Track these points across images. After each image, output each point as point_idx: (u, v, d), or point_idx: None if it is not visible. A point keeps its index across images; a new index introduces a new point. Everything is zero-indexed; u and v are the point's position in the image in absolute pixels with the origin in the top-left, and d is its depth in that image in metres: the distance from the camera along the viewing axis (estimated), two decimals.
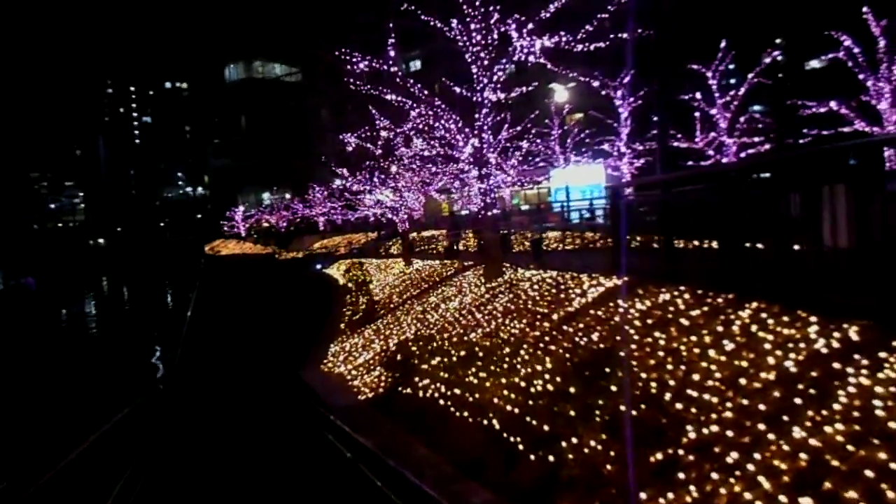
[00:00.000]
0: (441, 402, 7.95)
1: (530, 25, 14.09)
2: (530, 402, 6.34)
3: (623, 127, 36.39)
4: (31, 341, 37.09)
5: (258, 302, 35.77)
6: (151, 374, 24.74)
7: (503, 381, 7.05)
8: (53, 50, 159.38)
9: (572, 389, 6.05)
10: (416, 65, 73.82)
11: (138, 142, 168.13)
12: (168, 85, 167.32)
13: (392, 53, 13.90)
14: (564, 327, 8.97)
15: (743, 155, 29.34)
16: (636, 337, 7.06)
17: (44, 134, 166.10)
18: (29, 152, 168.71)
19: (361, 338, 17.55)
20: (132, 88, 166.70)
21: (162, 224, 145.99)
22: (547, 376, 6.79)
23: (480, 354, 8.23)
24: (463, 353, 8.66)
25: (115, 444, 13.34)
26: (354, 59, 13.88)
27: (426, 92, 14.44)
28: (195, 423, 14.91)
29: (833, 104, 24.05)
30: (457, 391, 7.68)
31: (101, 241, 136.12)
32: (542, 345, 8.36)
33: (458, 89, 15.50)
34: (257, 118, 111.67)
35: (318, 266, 49.35)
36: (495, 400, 6.69)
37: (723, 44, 29.52)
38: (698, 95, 30.51)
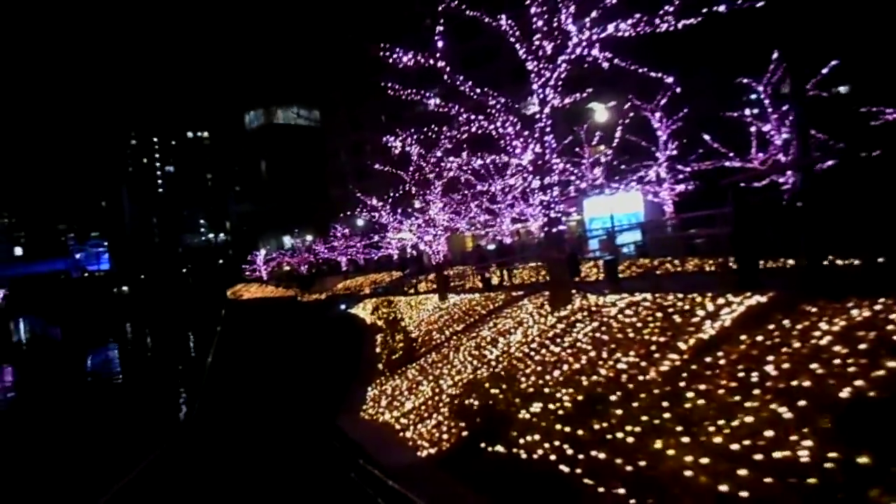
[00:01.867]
0: (563, 467, 5.49)
1: (593, 14, 12.01)
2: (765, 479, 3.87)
3: (661, 151, 34.14)
4: (54, 390, 35.80)
5: (282, 345, 33.36)
6: (161, 435, 22.36)
7: (679, 440, 4.63)
8: (78, 103, 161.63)
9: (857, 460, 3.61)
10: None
11: (161, 190, 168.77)
12: (190, 134, 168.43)
13: (440, 44, 11.79)
14: (708, 360, 6.53)
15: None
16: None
17: (70, 186, 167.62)
18: (56, 204, 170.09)
19: (404, 379, 15.09)
20: (155, 139, 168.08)
21: (184, 270, 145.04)
22: (764, 433, 4.36)
23: (613, 400, 5.82)
24: (580, 398, 6.25)
25: None
26: (397, 55, 11.78)
27: (478, 90, 12.28)
28: (213, 491, 12.42)
29: None
30: (594, 453, 5.23)
31: (125, 288, 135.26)
32: (691, 384, 5.93)
33: (503, 99, 13.34)
34: (277, 162, 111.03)
35: (343, 306, 47.16)
36: (685, 471, 4.25)
37: (775, 55, 27.27)
38: (748, 111, 28.20)
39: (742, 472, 3.97)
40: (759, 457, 4.03)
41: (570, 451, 5.48)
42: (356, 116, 78.11)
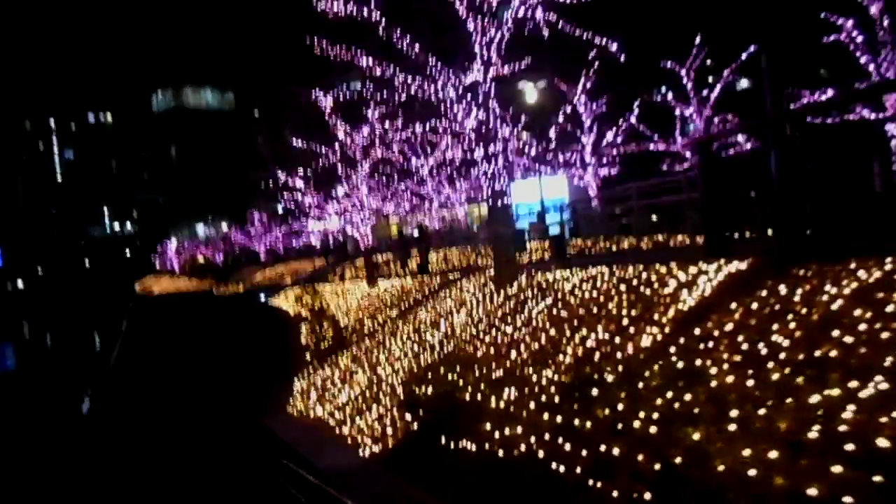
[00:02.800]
0: (558, 465, 4.54)
1: None
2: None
3: (586, 135, 34.03)
4: None
5: (197, 341, 31.24)
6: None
7: (722, 427, 3.78)
8: None
9: None
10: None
11: (60, 179, 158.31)
12: (91, 117, 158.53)
13: None
14: (697, 332, 5.79)
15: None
16: None
17: None
18: None
19: (335, 369, 13.96)
20: (52, 122, 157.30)
21: (87, 263, 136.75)
22: (824, 414, 3.57)
23: (610, 381, 4.96)
24: (565, 380, 5.37)
25: None
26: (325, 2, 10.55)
27: (416, 47, 11.23)
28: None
29: (831, 91, 21.96)
30: (603, 447, 4.30)
31: (19, 284, 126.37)
32: (690, 359, 5.15)
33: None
34: (188, 147, 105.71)
35: (263, 298, 45.21)
36: (742, 469, 3.38)
37: (697, 39, 27.47)
38: (670, 95, 28.30)
39: (833, 468, 3.12)
40: (843, 446, 3.22)
41: (567, 447, 4.57)
42: (276, 97, 75.14)
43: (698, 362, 5.00)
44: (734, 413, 3.89)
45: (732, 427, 3.77)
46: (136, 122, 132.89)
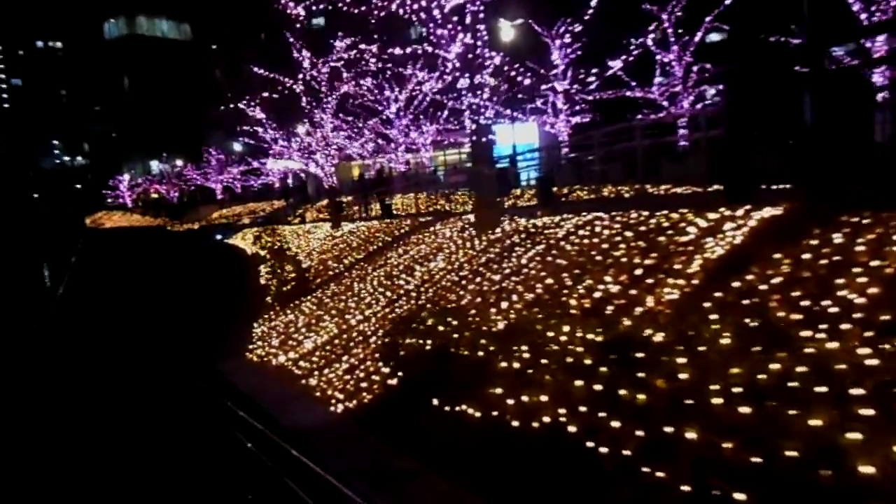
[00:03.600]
0: (597, 444, 3.57)
1: None
2: None
3: (559, 81, 32.79)
4: None
5: (149, 277, 29.54)
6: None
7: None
8: None
9: None
10: None
11: (7, 106, 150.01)
12: (40, 44, 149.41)
13: None
14: (737, 285, 4.87)
15: (699, 107, 26.29)
16: None
17: None
18: None
19: (299, 314, 12.85)
20: None
21: (35, 196, 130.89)
22: None
23: (658, 340, 4.00)
24: (599, 339, 4.39)
25: None
26: None
27: None
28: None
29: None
30: (668, 429, 3.31)
31: None
32: (739, 315, 4.23)
33: None
34: (142, 79, 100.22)
35: (219, 237, 43.44)
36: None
37: None
38: (650, 41, 27.13)
39: None
40: None
41: (612, 422, 3.59)
42: (236, 28, 71.17)
43: (756, 322, 4.07)
44: (855, 390, 2.97)
45: (860, 409, 2.85)
46: (87, 51, 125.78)
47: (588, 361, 4.23)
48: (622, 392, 3.73)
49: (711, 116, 11.24)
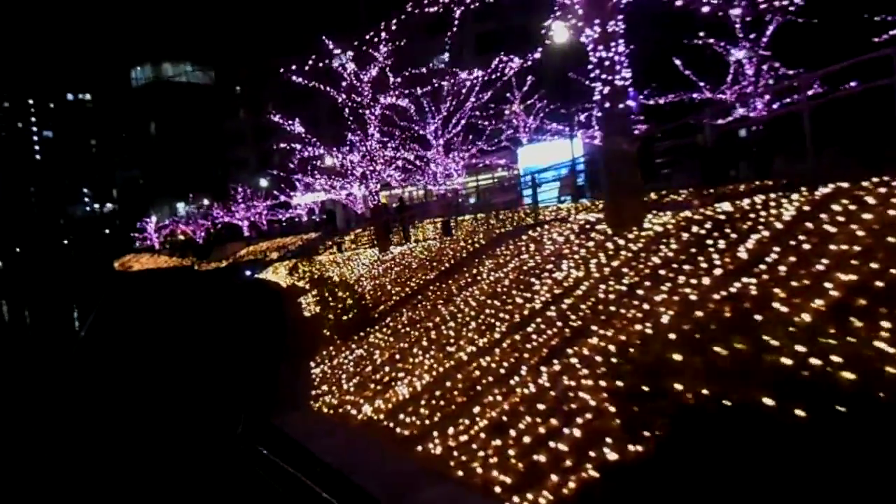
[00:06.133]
0: None
1: None
2: None
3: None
4: None
5: (178, 319, 26.61)
6: None
7: None
8: None
9: None
10: None
11: (39, 158, 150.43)
12: (70, 96, 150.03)
13: None
14: None
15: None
16: None
17: None
18: None
19: (372, 348, 9.79)
20: (31, 101, 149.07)
21: (66, 242, 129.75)
22: None
23: None
24: None
25: None
26: None
27: None
28: None
29: None
30: None
31: None
32: None
33: None
34: (168, 123, 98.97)
35: (249, 273, 40.92)
36: None
37: None
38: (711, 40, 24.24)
39: None
40: None
41: None
42: (258, 70, 69.58)
43: None
44: None
45: None
46: (115, 99, 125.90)
47: None
48: None
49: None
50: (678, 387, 4.32)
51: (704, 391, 4.12)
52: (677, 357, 4.04)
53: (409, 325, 9.84)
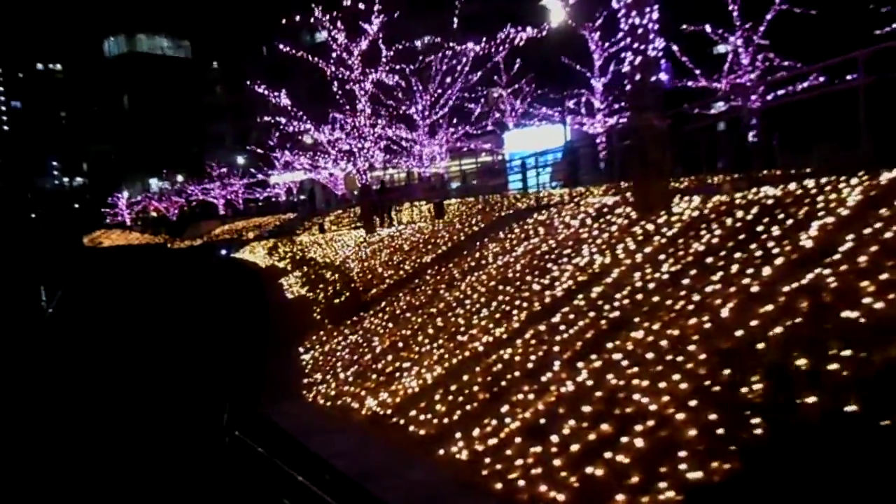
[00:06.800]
0: None
1: None
2: None
3: (596, 77, 29.42)
4: None
5: (150, 298, 25.51)
6: None
7: None
8: None
9: None
10: None
11: (6, 129, 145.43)
12: (40, 66, 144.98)
13: None
14: None
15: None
16: None
17: None
18: None
19: (369, 334, 9.08)
20: None
21: (34, 216, 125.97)
22: None
23: None
24: None
25: None
26: None
27: None
28: None
29: None
30: None
31: None
32: None
33: None
34: (142, 97, 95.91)
35: (224, 252, 39.78)
36: None
37: None
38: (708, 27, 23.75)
39: None
40: None
41: None
42: (236, 44, 67.56)
43: None
44: None
45: None
46: (86, 71, 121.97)
47: None
48: None
49: None
50: (757, 388, 3.71)
51: (789, 394, 3.52)
52: (752, 356, 3.41)
53: (408, 311, 9.14)
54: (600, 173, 23.56)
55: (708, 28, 23.06)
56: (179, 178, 76.09)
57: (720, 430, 3.52)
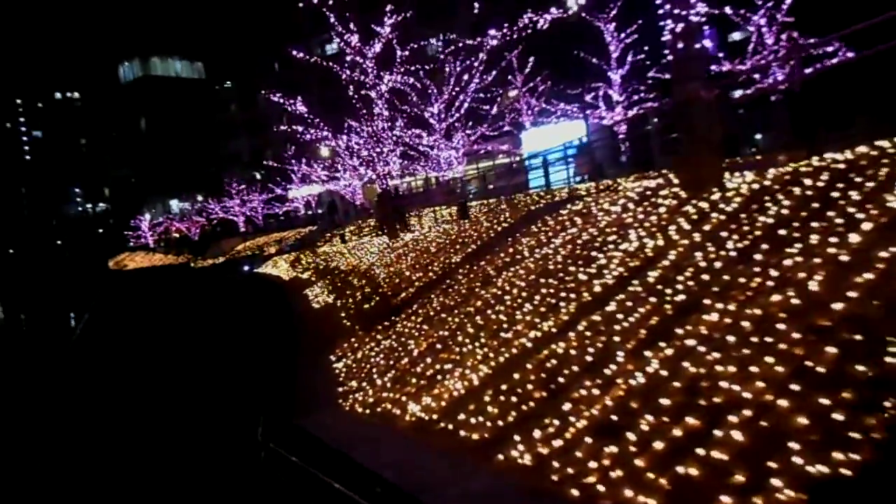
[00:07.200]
0: None
1: None
2: None
3: (613, 69, 28.88)
4: None
5: (177, 315, 25.35)
6: None
7: None
8: None
9: None
10: None
11: (28, 158, 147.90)
12: (59, 95, 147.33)
13: None
14: None
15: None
16: None
17: None
18: None
19: (403, 338, 8.64)
20: (18, 101, 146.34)
21: (59, 243, 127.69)
22: None
23: None
24: None
25: None
26: None
27: None
28: None
29: None
30: None
31: None
32: None
33: None
34: (159, 120, 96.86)
35: (247, 268, 39.77)
36: None
37: None
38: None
39: None
40: None
41: None
42: (249, 63, 67.90)
43: None
44: None
45: None
46: (103, 97, 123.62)
47: None
48: None
49: None
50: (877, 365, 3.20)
51: None
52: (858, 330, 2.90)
53: (443, 311, 8.68)
54: (621, 166, 23.07)
55: (728, 10, 22.37)
56: (199, 197, 76.57)
57: (837, 416, 3.02)
